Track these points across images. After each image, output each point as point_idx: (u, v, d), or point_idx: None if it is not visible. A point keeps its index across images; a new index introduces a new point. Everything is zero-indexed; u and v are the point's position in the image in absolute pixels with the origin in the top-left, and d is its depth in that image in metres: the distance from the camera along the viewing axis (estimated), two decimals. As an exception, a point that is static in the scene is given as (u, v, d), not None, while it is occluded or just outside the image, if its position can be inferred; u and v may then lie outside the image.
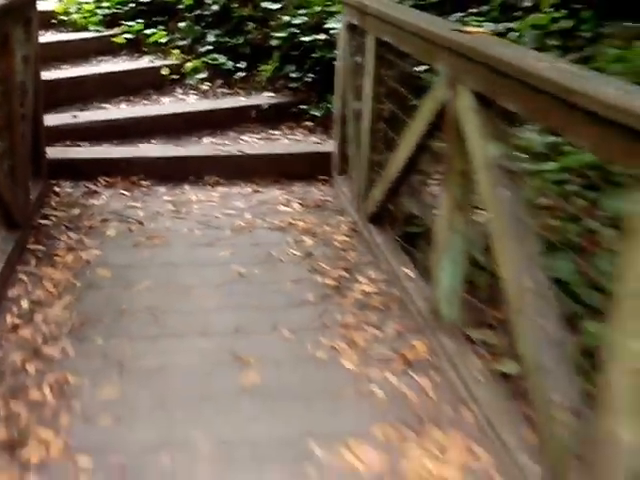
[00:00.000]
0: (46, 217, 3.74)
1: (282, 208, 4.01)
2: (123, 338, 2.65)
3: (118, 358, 2.52)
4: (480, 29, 2.61)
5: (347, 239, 3.60)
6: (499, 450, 2.00)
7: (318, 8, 5.04)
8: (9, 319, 2.75)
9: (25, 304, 2.87)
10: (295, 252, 3.44)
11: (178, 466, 2.01)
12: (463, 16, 4.22)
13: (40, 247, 3.39)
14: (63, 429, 2.14)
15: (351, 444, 2.08)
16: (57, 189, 4.11)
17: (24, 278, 3.08)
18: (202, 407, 2.27)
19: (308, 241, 3.57)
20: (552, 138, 2.75)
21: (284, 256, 3.39)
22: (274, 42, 5.15)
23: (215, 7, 5.48)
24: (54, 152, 4.22)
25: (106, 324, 2.75)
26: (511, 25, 3.92)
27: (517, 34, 3.82)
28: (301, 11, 5.12)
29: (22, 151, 3.48)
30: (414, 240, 3.23)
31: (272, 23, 5.23)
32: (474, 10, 4.35)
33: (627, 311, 1.41)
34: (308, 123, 5.00)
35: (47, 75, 4.57)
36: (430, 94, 2.53)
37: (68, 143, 4.47)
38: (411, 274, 3.00)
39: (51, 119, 4.36)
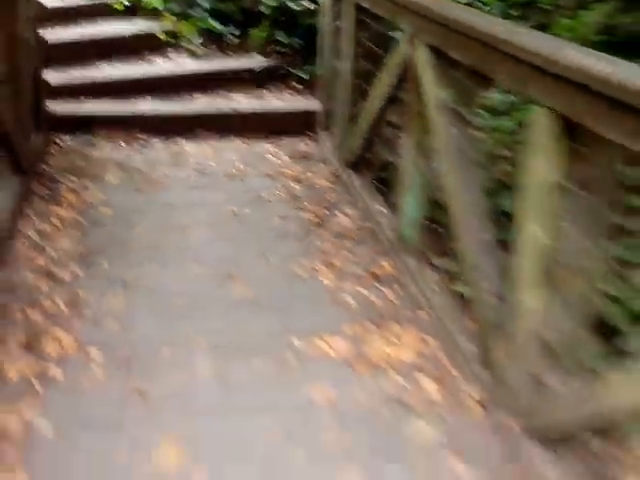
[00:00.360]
0: (49, 165, 4.11)
1: (271, 159, 4.40)
2: (126, 264, 3.04)
3: (122, 279, 2.90)
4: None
5: (328, 184, 4.00)
6: (445, 338, 2.42)
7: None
8: (22, 248, 3.13)
9: (35, 237, 3.24)
10: (282, 194, 3.85)
11: (177, 358, 2.41)
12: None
13: (46, 190, 3.75)
14: (75, 331, 2.52)
15: (325, 338, 2.50)
16: (58, 141, 4.46)
17: (32, 215, 3.45)
18: (197, 314, 2.67)
19: (294, 186, 3.97)
20: (511, 98, 3.14)
21: (272, 198, 3.79)
22: (265, 9, 5.49)
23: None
24: (54, 107, 4.58)
25: (110, 254, 3.13)
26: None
27: (486, 6, 4.19)
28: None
29: (26, 103, 3.84)
30: (386, 182, 3.63)
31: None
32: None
33: (531, 202, 1.81)
34: (296, 84, 5.35)
35: (49, 36, 4.92)
36: (395, 50, 2.92)
37: (68, 100, 4.82)
38: (383, 210, 3.40)
39: (51, 77, 4.70)
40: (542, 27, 3.80)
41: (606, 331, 2.00)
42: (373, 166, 3.83)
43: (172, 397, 2.17)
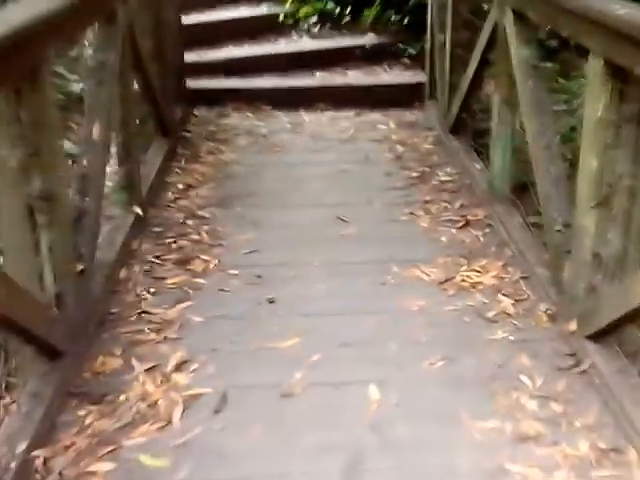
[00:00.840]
0: (189, 131, 4.76)
1: (380, 126, 4.87)
2: (255, 207, 3.60)
3: (253, 218, 3.47)
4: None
5: (431, 147, 4.42)
6: (525, 267, 2.82)
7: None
8: (170, 195, 3.76)
9: (180, 186, 3.87)
10: (388, 156, 4.31)
11: (298, 276, 2.94)
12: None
13: (186, 151, 4.39)
14: (217, 255, 3.10)
15: (420, 266, 2.95)
16: (195, 112, 5.13)
17: (177, 170, 4.09)
18: (314, 245, 3.19)
19: (400, 148, 4.42)
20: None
21: (379, 158, 4.27)
22: (376, -11, 5.93)
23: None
24: (190, 83, 5.23)
25: (242, 199, 3.71)
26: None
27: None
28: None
29: (170, 78, 4.48)
30: (483, 143, 4.00)
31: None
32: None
33: (587, 138, 2.19)
34: (405, 60, 5.77)
35: (187, 20, 5.57)
36: (487, 17, 3.31)
37: (202, 77, 5.47)
38: (478, 167, 3.80)
39: (188, 56, 5.35)
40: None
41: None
42: (471, 129, 4.22)
43: (293, 302, 2.70)
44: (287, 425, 2.08)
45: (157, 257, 3.05)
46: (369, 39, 5.91)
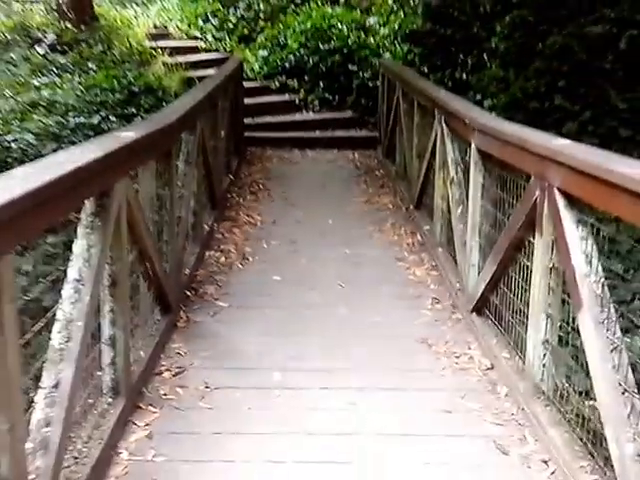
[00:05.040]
0: (247, 157, 8.94)
1: (350, 155, 9.09)
2: (282, 188, 7.58)
3: (282, 196, 7.54)
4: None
5: (375, 163, 8.61)
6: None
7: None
8: (237, 181, 7.87)
9: (245, 176, 7.99)
10: (352, 165, 8.49)
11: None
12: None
13: (248, 163, 8.57)
14: (260, 219, 7.17)
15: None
16: (249, 149, 9.33)
17: (245, 171, 8.22)
18: (310, 204, 7.30)
19: (358, 164, 8.62)
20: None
21: (347, 166, 8.49)
22: (354, 86, 10.23)
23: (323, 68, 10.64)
24: (246, 134, 9.47)
25: (275, 184, 7.76)
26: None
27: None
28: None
29: (238, 134, 8.70)
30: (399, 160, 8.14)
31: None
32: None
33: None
34: (369, 125, 10.02)
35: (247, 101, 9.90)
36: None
37: (252, 130, 9.72)
38: (394, 168, 7.95)
39: (246, 120, 9.63)
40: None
41: None
42: (394, 153, 8.39)
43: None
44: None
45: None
46: (349, 113, 10.19)
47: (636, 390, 2.38)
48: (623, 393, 2.36)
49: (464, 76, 8.55)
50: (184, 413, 3.20)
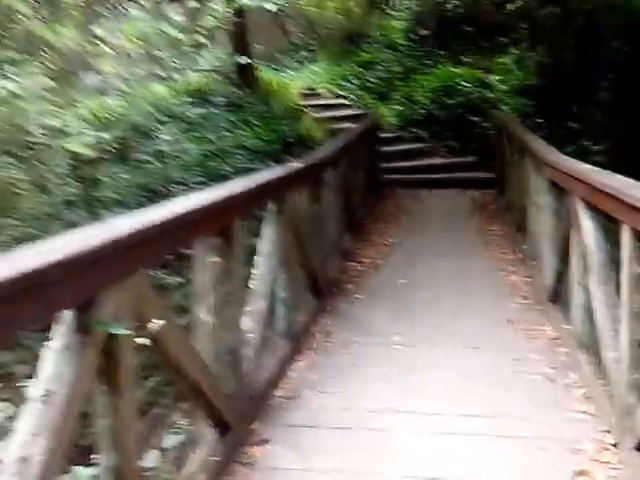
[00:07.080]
0: (385, 193, 10.49)
1: (471, 194, 10.42)
2: (417, 213, 9.17)
3: (413, 209, 9.05)
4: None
5: (492, 198, 9.90)
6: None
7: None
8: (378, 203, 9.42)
9: (378, 210, 9.54)
10: (471, 202, 9.84)
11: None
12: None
13: (382, 199, 10.11)
14: (383, 239, 8.68)
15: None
16: (384, 189, 10.88)
17: (379, 206, 9.76)
18: (431, 226, 8.74)
19: (477, 200, 9.92)
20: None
21: (467, 203, 9.82)
22: (476, 132, 11.59)
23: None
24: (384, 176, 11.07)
25: (410, 213, 9.28)
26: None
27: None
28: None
29: (372, 175, 10.28)
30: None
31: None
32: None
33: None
34: (488, 167, 11.32)
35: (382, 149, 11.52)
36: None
37: (387, 174, 11.28)
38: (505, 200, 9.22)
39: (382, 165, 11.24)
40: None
41: None
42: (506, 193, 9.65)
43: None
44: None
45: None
46: (470, 158, 11.56)
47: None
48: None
49: (574, 125, 9.78)
50: (330, 356, 4.71)
